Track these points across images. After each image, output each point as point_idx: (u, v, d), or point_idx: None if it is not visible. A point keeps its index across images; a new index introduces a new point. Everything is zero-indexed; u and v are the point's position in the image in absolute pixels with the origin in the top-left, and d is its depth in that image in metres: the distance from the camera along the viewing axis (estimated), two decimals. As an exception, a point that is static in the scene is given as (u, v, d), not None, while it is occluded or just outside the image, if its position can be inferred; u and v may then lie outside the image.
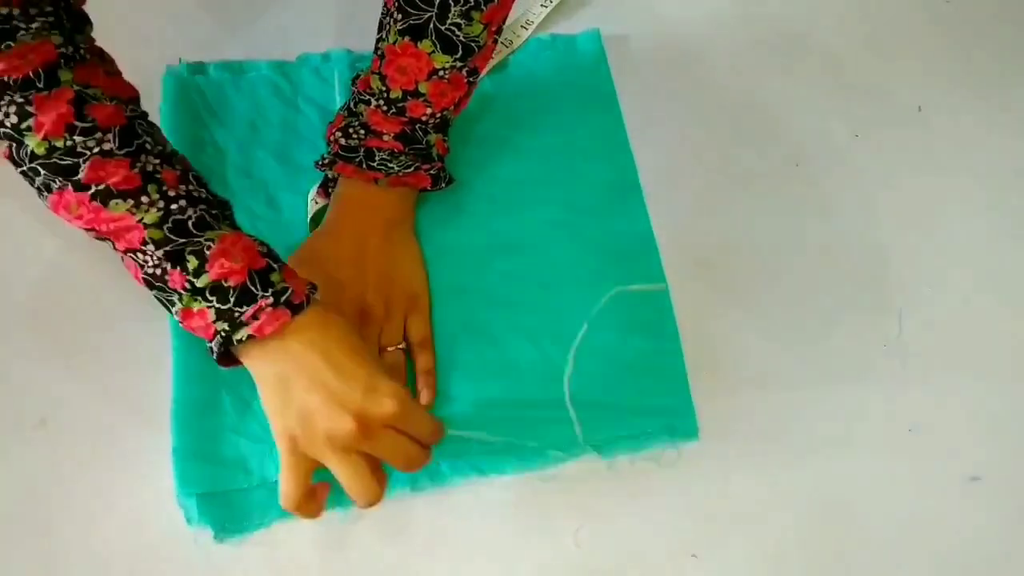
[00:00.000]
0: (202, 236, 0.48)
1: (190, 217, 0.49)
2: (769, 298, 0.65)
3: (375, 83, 0.59)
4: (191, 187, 0.50)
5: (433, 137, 0.61)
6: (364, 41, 0.65)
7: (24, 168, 0.48)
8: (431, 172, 0.61)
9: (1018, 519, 0.59)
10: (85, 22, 0.49)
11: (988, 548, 0.58)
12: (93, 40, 0.50)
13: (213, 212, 0.50)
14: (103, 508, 0.55)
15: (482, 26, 0.56)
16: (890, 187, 0.70)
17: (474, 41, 0.56)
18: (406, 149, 0.60)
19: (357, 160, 0.60)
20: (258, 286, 0.48)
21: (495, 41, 0.60)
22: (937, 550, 0.58)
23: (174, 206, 0.48)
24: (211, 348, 0.49)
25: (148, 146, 0.49)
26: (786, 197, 0.69)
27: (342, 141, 0.60)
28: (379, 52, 0.58)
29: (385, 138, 0.60)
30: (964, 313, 0.65)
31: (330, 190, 0.63)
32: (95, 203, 0.48)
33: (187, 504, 0.55)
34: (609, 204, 0.67)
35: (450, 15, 0.54)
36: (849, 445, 0.60)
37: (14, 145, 0.47)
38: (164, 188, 0.48)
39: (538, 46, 0.73)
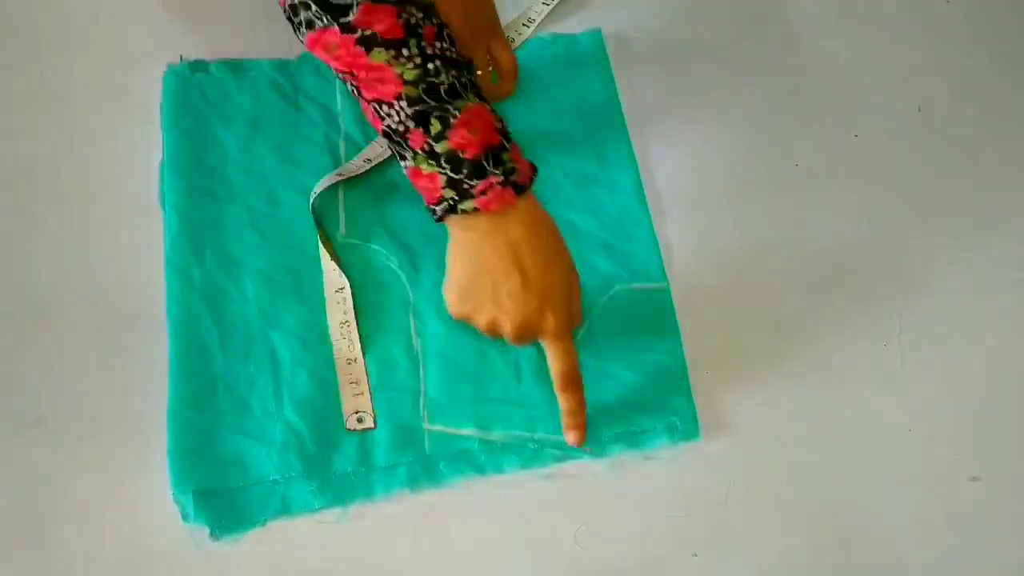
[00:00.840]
0: (451, 103, 0.50)
1: (443, 83, 0.50)
2: (770, 298, 0.65)
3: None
4: (445, 45, 0.51)
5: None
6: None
7: (294, 1, 0.49)
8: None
9: (1018, 519, 0.59)
10: None
11: (988, 548, 0.58)
12: None
13: (463, 80, 0.51)
14: (99, 506, 0.55)
15: None
16: (890, 187, 0.70)
17: None
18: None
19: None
20: (490, 163, 0.50)
21: None
22: (937, 550, 0.57)
23: (430, 66, 0.49)
24: (433, 210, 0.53)
25: None
26: (786, 196, 0.69)
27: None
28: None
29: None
30: (964, 313, 0.65)
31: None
32: (358, 48, 0.49)
33: (183, 501, 0.55)
34: (610, 203, 0.67)
35: None
36: (849, 445, 0.60)
37: None
38: (423, 44, 0.49)
39: (539, 45, 0.73)
